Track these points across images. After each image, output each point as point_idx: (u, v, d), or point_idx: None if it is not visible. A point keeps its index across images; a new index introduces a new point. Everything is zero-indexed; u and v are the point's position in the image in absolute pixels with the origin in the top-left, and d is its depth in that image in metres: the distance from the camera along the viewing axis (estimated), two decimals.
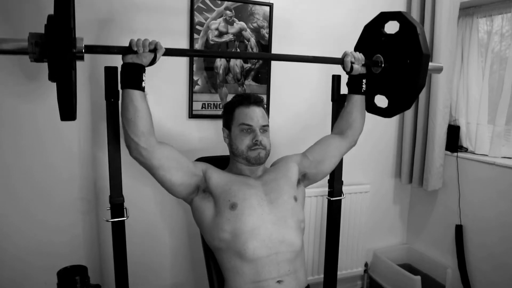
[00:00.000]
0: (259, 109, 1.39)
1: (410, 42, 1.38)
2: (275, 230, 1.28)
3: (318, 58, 1.56)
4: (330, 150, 1.51)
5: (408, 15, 1.41)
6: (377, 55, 1.51)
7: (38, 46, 0.97)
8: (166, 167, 1.23)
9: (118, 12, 1.74)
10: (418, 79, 1.36)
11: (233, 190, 1.30)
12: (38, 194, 1.72)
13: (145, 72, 1.18)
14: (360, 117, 1.52)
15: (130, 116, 1.15)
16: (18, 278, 1.73)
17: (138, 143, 1.16)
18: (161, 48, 1.18)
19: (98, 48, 1.18)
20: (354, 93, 1.50)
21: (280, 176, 1.42)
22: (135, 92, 1.15)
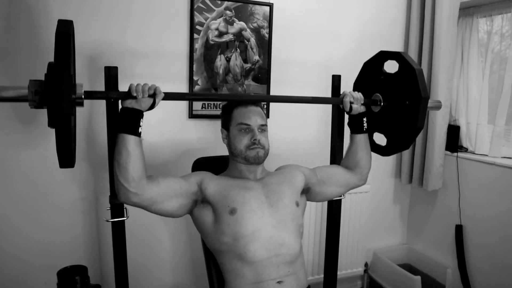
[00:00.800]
0: (257, 109, 1.40)
1: (409, 84, 1.38)
2: (275, 232, 1.28)
3: (317, 98, 1.58)
4: (338, 179, 1.51)
5: (407, 56, 1.41)
6: (376, 94, 1.51)
7: (38, 94, 0.97)
8: (159, 201, 1.21)
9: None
10: (416, 122, 1.36)
11: (232, 195, 1.29)
12: (38, 194, 1.72)
13: (143, 117, 1.16)
14: (366, 155, 1.51)
15: (122, 161, 1.12)
16: (18, 278, 1.73)
17: (128, 188, 1.14)
18: (160, 93, 1.17)
19: (98, 94, 1.16)
20: (356, 133, 1.49)
21: (283, 181, 1.41)
22: (130, 137, 1.12)
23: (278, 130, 2.09)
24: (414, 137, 1.44)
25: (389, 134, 1.52)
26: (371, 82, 1.55)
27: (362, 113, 1.48)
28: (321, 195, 1.51)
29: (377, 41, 2.32)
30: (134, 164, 1.13)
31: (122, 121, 1.14)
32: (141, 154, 1.16)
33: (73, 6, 1.66)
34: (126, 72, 1.69)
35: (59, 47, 0.93)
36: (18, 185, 1.69)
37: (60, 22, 0.97)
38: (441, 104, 1.62)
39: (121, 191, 1.15)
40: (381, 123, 1.53)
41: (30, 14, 1.61)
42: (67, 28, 0.97)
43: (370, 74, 1.57)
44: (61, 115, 0.92)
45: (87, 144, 1.77)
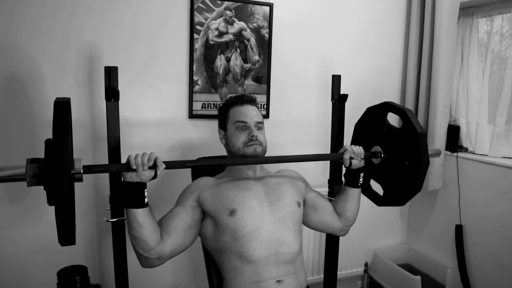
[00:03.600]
0: (252, 107, 1.40)
1: (411, 145, 1.35)
2: (276, 231, 1.28)
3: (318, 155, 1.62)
4: (325, 215, 1.48)
5: (411, 116, 1.37)
6: (377, 146, 1.48)
7: (36, 177, 0.97)
8: (178, 248, 1.24)
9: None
10: (415, 185, 1.35)
11: (231, 196, 1.29)
12: (38, 193, 1.72)
13: (146, 187, 1.14)
14: (354, 208, 1.49)
15: (136, 234, 1.13)
16: (18, 278, 1.73)
17: (149, 257, 1.16)
18: (161, 165, 1.11)
19: (97, 168, 1.14)
20: (351, 186, 1.47)
21: (285, 181, 1.41)
22: (138, 211, 1.12)
23: (278, 130, 2.09)
24: (411, 197, 1.41)
25: (386, 187, 1.50)
26: (373, 130, 1.52)
27: (360, 168, 1.44)
28: (307, 218, 1.48)
29: (377, 40, 2.32)
30: (149, 234, 1.14)
31: (126, 196, 1.12)
32: (153, 221, 1.16)
33: (66, 7, 1.66)
34: (126, 73, 1.69)
35: (57, 129, 0.92)
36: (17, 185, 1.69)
37: (57, 103, 0.96)
38: (440, 151, 1.60)
39: (142, 260, 1.18)
40: (379, 173, 1.50)
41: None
42: (64, 109, 0.96)
43: (372, 121, 1.53)
44: (62, 196, 0.91)
45: (87, 144, 1.77)
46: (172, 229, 1.23)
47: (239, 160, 1.35)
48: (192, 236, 1.28)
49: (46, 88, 1.64)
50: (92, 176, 1.80)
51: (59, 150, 0.91)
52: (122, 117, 1.38)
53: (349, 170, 1.46)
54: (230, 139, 1.39)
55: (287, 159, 1.42)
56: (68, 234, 0.95)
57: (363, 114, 1.58)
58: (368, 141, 1.51)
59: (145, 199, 1.13)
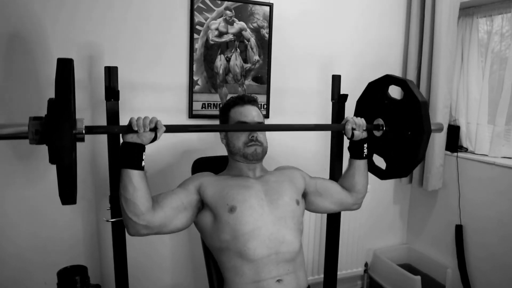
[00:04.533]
0: (253, 108, 1.41)
1: (412, 115, 1.36)
2: (276, 230, 1.28)
3: (320, 125, 1.57)
4: (334, 195, 1.50)
5: (413, 86, 1.38)
6: (379, 119, 1.49)
7: (38, 134, 0.97)
8: (167, 224, 1.23)
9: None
10: (417, 154, 1.36)
11: (231, 193, 1.30)
12: (38, 194, 1.72)
13: (145, 150, 1.16)
14: (363, 180, 1.51)
15: (129, 196, 1.13)
16: (18, 278, 1.73)
17: (137, 222, 1.15)
18: (162, 127, 1.15)
19: (99, 129, 1.16)
20: (356, 158, 1.49)
21: (284, 180, 1.42)
22: (134, 172, 1.13)
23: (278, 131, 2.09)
24: (413, 168, 1.42)
25: (389, 159, 1.51)
26: (375, 104, 1.53)
27: (363, 139, 1.46)
28: (314, 205, 1.50)
29: (377, 40, 2.32)
30: (141, 198, 1.14)
31: (124, 156, 1.13)
32: (147, 186, 1.16)
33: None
34: (125, 73, 1.69)
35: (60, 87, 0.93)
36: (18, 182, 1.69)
37: (60, 61, 0.96)
38: (442, 126, 1.60)
39: (130, 225, 1.17)
40: (382, 147, 1.51)
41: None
42: (67, 67, 0.96)
43: (374, 95, 1.55)
44: (63, 154, 0.92)
45: (87, 144, 1.77)
46: (167, 204, 1.23)
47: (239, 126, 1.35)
48: (184, 219, 1.27)
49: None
50: (92, 176, 1.80)
51: (62, 106, 0.92)
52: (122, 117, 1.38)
53: (352, 142, 1.48)
54: (231, 139, 1.39)
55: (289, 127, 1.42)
56: (69, 193, 0.97)
57: (365, 89, 1.59)
58: (370, 115, 1.52)
59: (142, 163, 1.14)
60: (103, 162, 1.72)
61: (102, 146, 1.75)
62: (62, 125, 0.91)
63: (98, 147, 1.78)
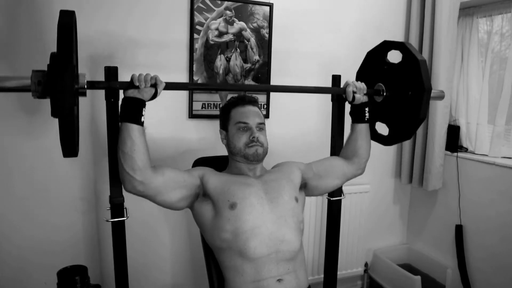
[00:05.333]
0: (254, 108, 1.42)
1: (412, 74, 1.37)
2: (276, 229, 1.28)
3: (319, 88, 1.56)
4: (335, 171, 1.51)
5: (411, 47, 1.40)
6: (379, 84, 1.50)
7: (40, 85, 0.98)
8: (163, 191, 1.23)
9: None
10: (419, 113, 1.36)
11: (232, 189, 1.30)
12: (38, 194, 1.72)
13: (145, 106, 1.17)
14: (366, 144, 1.52)
15: (127, 150, 1.14)
16: (18, 278, 1.73)
17: (134, 176, 1.16)
18: (161, 83, 1.18)
19: (101, 84, 1.18)
20: (358, 122, 1.50)
21: (281, 177, 1.42)
22: (133, 126, 1.14)
23: (278, 130, 2.09)
24: (417, 128, 1.44)
25: (391, 124, 1.52)
26: (374, 72, 1.54)
27: (365, 103, 1.48)
28: (319, 188, 1.51)
29: (377, 40, 2.31)
30: (138, 153, 1.15)
31: (125, 110, 1.15)
32: (145, 142, 1.17)
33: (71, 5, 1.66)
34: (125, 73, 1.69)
35: (61, 38, 0.93)
36: (18, 183, 1.69)
37: (62, 13, 0.98)
38: (444, 94, 1.61)
39: (126, 180, 1.17)
40: (383, 113, 1.53)
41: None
42: (69, 18, 0.97)
43: (373, 64, 1.56)
44: (64, 106, 0.93)
45: (87, 144, 1.77)
46: (168, 174, 1.25)
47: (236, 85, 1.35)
48: (179, 195, 1.27)
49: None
50: (92, 176, 1.80)
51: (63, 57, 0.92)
52: None
53: (353, 106, 1.49)
54: (231, 140, 1.40)
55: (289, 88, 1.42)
56: (70, 146, 0.98)
57: (364, 59, 1.61)
58: (370, 83, 1.52)
59: (142, 118, 1.16)
60: (104, 162, 1.72)
61: (102, 145, 1.75)
62: (63, 74, 0.91)
63: (98, 146, 1.78)
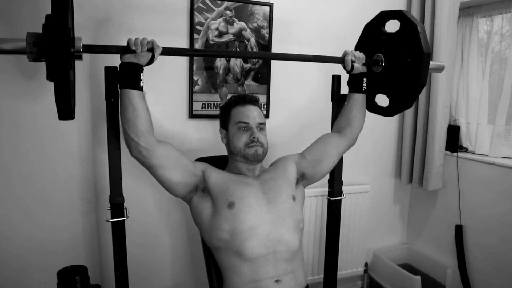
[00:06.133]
0: (255, 108, 1.41)
1: (410, 41, 1.37)
2: (274, 229, 1.28)
3: (318, 57, 1.56)
4: (328, 149, 1.50)
5: (408, 14, 1.41)
6: (378, 54, 1.51)
7: (36, 46, 0.97)
8: (165, 166, 1.24)
9: (116, 12, 1.74)
10: (419, 78, 1.36)
11: (232, 188, 1.30)
12: (38, 194, 1.72)
13: (143, 71, 1.18)
14: (360, 115, 1.51)
15: (129, 116, 1.15)
16: (18, 278, 1.73)
17: (138, 143, 1.17)
18: (158, 47, 1.18)
19: (96, 48, 1.18)
20: (355, 92, 1.49)
21: (278, 176, 1.42)
22: (133, 91, 1.15)
23: (278, 130, 2.09)
24: (417, 95, 1.43)
25: (391, 94, 1.51)
26: (372, 43, 1.54)
27: (363, 73, 1.48)
28: (318, 174, 1.50)
29: None
30: (141, 118, 1.16)
31: (123, 76, 1.15)
32: (146, 108, 1.18)
33: None
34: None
35: None
36: (18, 183, 1.69)
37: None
38: (443, 65, 1.61)
39: (132, 146, 1.18)
40: (383, 84, 1.52)
41: None
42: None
43: (371, 35, 1.56)
44: (59, 69, 0.92)
45: (87, 144, 1.77)
46: (173, 150, 1.27)
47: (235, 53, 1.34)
48: (179, 176, 1.28)
49: None
50: (92, 176, 1.80)
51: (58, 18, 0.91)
52: None
53: (351, 76, 1.49)
54: (232, 140, 1.40)
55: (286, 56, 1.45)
56: (66, 109, 0.98)
57: (361, 33, 1.61)
58: (369, 55, 1.52)
59: (141, 83, 1.16)
60: (103, 161, 1.72)
61: (102, 146, 1.75)
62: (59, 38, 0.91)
63: (98, 145, 1.78)
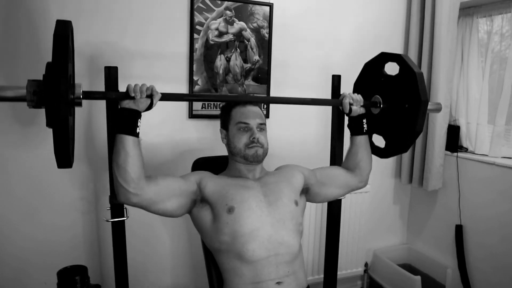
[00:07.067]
0: (255, 108, 1.41)
1: (409, 87, 1.37)
2: (274, 231, 1.28)
3: (317, 100, 1.58)
4: (338, 180, 1.51)
5: (408, 59, 1.40)
6: (376, 96, 1.50)
7: (36, 95, 0.97)
8: (158, 200, 1.22)
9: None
10: (415, 126, 1.36)
11: (230, 193, 1.29)
12: (38, 194, 1.72)
13: (141, 117, 1.16)
14: (367, 157, 1.51)
15: (120, 162, 1.12)
16: (18, 278, 1.73)
17: (127, 189, 1.14)
18: (157, 93, 1.17)
19: (96, 94, 1.17)
20: (356, 134, 1.49)
21: (282, 180, 1.41)
22: (128, 138, 1.13)
23: (278, 130, 2.09)
24: (413, 141, 1.44)
25: (388, 136, 1.52)
26: (371, 83, 1.54)
27: (362, 115, 1.48)
28: (321, 195, 1.50)
29: (377, 41, 2.32)
30: (132, 165, 1.13)
31: (120, 121, 1.14)
32: (140, 154, 1.16)
33: (72, 6, 1.66)
34: (125, 72, 1.69)
35: (57, 47, 0.93)
36: (18, 185, 1.69)
37: (59, 22, 0.97)
38: (441, 106, 1.61)
39: (120, 192, 1.15)
40: (380, 125, 1.52)
41: (28, 15, 1.61)
42: (65, 28, 0.97)
43: (370, 75, 1.56)
44: (59, 116, 0.92)
45: (86, 144, 1.77)
46: (164, 183, 1.23)
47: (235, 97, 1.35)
48: (175, 204, 1.26)
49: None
50: (92, 176, 1.80)
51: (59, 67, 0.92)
52: None
53: (351, 118, 1.49)
54: (232, 140, 1.39)
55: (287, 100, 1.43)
56: (64, 156, 0.96)
57: (361, 71, 1.60)
58: (367, 95, 1.52)
59: (137, 129, 1.15)
60: (103, 161, 1.72)
61: (102, 146, 1.75)
62: (59, 83, 0.91)
63: (98, 146, 1.78)
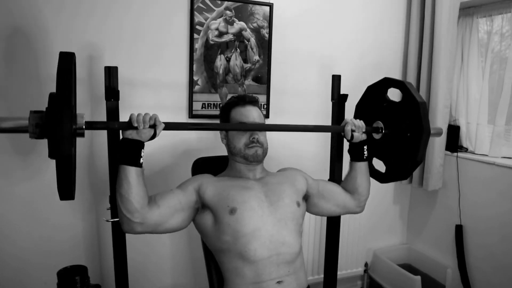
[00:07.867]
0: (254, 109, 1.41)
1: (411, 116, 1.37)
2: (276, 231, 1.28)
3: (319, 127, 1.57)
4: (337, 197, 1.50)
5: (411, 87, 1.39)
6: (378, 121, 1.50)
7: (38, 127, 0.97)
8: (163, 223, 1.22)
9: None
10: (416, 155, 1.36)
11: (231, 195, 1.29)
12: (38, 194, 1.72)
13: (144, 147, 1.16)
14: (365, 182, 1.50)
15: (123, 192, 1.13)
16: (18, 278, 1.73)
17: (131, 219, 1.15)
18: (161, 123, 1.16)
19: (99, 124, 1.17)
20: (356, 161, 1.49)
21: (284, 181, 1.41)
22: (131, 168, 1.12)
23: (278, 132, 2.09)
24: (413, 169, 1.43)
25: (388, 162, 1.51)
26: (374, 107, 1.54)
27: (363, 141, 1.46)
28: (318, 207, 1.50)
29: (377, 41, 2.32)
30: (136, 195, 1.13)
31: (123, 152, 1.13)
32: (143, 184, 1.16)
33: (69, 5, 1.66)
34: (126, 73, 1.69)
35: (61, 81, 0.92)
36: (18, 185, 1.69)
37: (62, 55, 0.96)
38: (442, 130, 1.60)
39: (124, 222, 1.16)
40: (381, 150, 1.52)
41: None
42: (69, 60, 0.96)
43: (373, 99, 1.55)
44: (62, 149, 0.91)
45: (87, 146, 1.77)
46: (164, 203, 1.23)
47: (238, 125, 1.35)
48: (180, 219, 1.26)
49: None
50: (92, 176, 1.80)
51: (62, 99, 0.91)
52: (122, 116, 1.38)
53: (352, 144, 1.48)
54: (231, 140, 1.39)
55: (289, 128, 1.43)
56: (67, 188, 0.96)
57: (364, 93, 1.59)
58: (369, 118, 1.52)
59: (141, 160, 1.14)
60: (103, 162, 1.72)
61: (102, 147, 1.75)
62: (62, 118, 0.90)
63: (98, 147, 1.78)
